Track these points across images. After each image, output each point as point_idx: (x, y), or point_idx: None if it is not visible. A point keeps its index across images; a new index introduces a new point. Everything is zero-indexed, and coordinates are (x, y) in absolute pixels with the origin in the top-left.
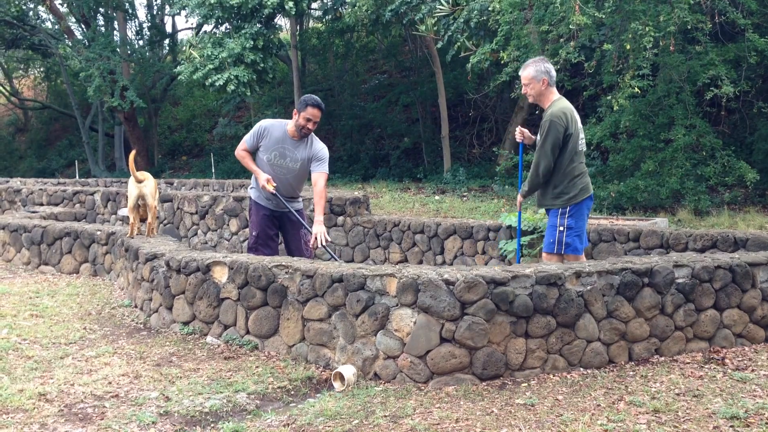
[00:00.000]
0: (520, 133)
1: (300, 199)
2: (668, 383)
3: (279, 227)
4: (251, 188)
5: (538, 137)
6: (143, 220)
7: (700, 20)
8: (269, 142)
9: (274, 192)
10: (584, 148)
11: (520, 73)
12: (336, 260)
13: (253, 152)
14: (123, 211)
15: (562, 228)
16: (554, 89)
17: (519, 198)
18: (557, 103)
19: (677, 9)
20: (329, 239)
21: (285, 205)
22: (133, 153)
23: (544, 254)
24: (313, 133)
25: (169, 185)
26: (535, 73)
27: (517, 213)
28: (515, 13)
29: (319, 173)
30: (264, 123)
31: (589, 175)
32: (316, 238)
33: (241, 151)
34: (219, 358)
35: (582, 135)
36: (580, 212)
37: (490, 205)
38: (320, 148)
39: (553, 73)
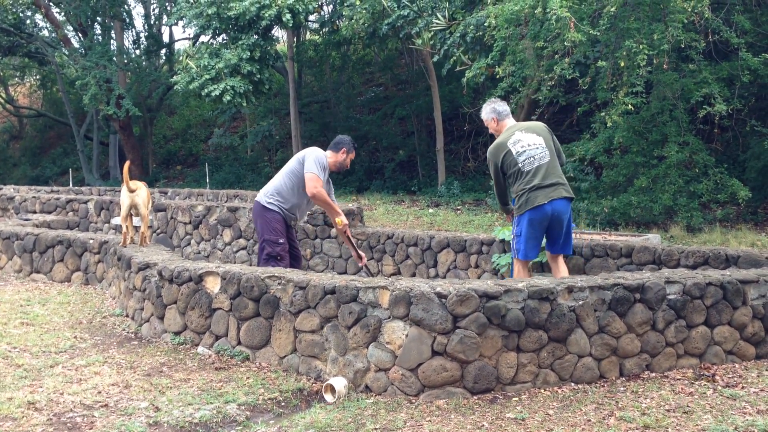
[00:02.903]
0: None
1: None
2: (659, 399)
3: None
4: (271, 199)
5: None
6: (136, 227)
7: (694, 39)
8: (326, 175)
9: (348, 235)
10: (534, 165)
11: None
12: (369, 272)
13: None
14: (116, 220)
15: (513, 236)
16: (506, 122)
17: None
18: (497, 138)
19: (671, 27)
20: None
21: (294, 217)
22: (127, 163)
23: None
24: None
25: (163, 195)
26: (485, 116)
27: (509, 227)
28: (511, 28)
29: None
30: (324, 159)
31: (546, 188)
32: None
33: (325, 193)
34: (210, 368)
35: (530, 153)
36: (523, 222)
37: (484, 219)
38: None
39: (500, 109)
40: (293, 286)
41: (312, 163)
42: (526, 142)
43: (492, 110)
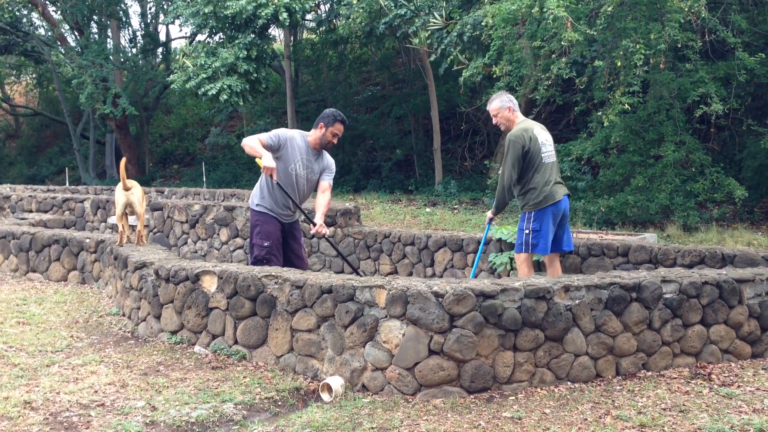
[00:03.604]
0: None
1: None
2: (655, 398)
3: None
4: (258, 201)
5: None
6: (133, 227)
7: (691, 38)
8: (293, 151)
9: (276, 182)
10: (551, 160)
11: (488, 108)
12: (336, 249)
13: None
14: (112, 219)
15: (527, 231)
16: (519, 114)
17: (489, 214)
18: (519, 125)
19: (668, 27)
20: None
21: (295, 207)
22: (123, 160)
23: (515, 255)
24: None
25: (159, 194)
26: (500, 103)
27: (506, 226)
28: (508, 28)
29: (328, 182)
30: (285, 132)
31: (559, 184)
32: (320, 228)
33: (255, 141)
34: (206, 368)
35: (547, 148)
36: (544, 217)
37: (481, 218)
38: (332, 161)
39: (515, 102)
40: (290, 285)
41: None
42: (544, 137)
43: (510, 99)
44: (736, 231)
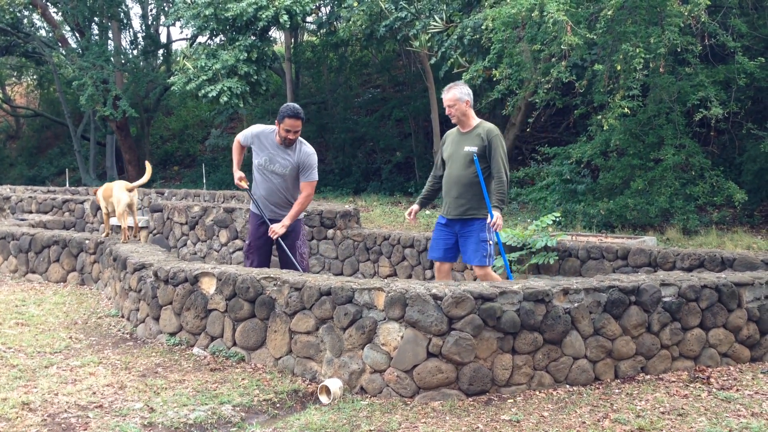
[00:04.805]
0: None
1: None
2: (653, 401)
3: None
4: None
5: (471, 149)
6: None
7: (690, 42)
8: (260, 146)
9: (246, 188)
10: None
11: (443, 96)
12: (290, 256)
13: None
14: (114, 221)
15: (491, 242)
16: (473, 111)
17: (500, 216)
18: (487, 122)
19: (668, 31)
20: (278, 235)
21: (266, 211)
22: (149, 167)
23: (478, 269)
24: (300, 138)
25: (159, 195)
26: (459, 94)
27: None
28: (508, 31)
29: (307, 183)
30: (257, 128)
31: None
32: (270, 232)
33: (236, 141)
34: (205, 369)
35: None
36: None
37: None
38: (308, 153)
39: (472, 97)
40: (289, 287)
41: None
42: None
43: (469, 93)
44: (736, 234)
